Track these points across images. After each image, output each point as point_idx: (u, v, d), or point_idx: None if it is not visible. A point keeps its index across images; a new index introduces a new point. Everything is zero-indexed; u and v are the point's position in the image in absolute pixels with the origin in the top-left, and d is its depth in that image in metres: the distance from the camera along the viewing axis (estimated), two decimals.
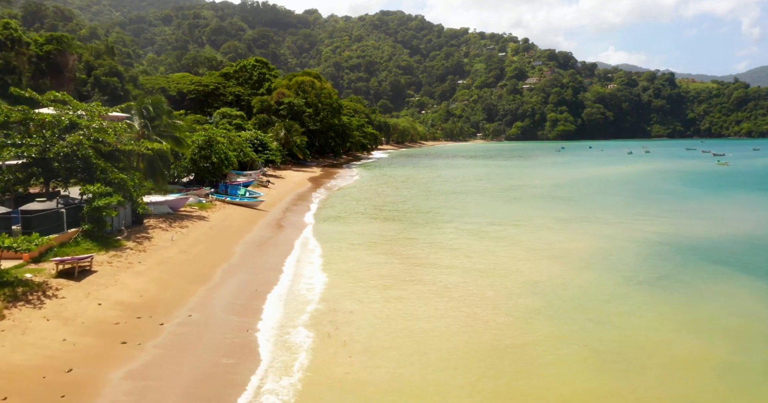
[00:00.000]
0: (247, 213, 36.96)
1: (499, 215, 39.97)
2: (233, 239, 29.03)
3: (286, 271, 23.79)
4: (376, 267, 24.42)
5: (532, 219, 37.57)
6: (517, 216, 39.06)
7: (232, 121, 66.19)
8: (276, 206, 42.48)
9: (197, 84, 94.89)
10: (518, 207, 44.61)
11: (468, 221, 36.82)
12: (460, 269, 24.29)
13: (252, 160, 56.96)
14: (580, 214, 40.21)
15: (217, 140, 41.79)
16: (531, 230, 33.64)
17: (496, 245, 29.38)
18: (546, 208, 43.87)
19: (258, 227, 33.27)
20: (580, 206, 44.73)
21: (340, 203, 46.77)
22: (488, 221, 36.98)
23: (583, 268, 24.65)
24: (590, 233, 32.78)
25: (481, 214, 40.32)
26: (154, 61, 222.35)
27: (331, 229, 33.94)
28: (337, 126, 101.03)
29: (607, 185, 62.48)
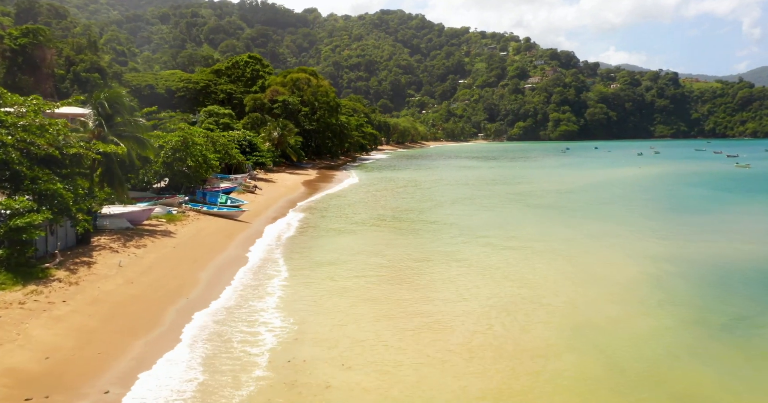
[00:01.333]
0: (224, 226, 31.88)
1: (516, 227, 34.64)
2: (201, 261, 23.96)
3: (264, 313, 18.64)
4: (375, 319, 18.34)
5: (555, 234, 32.34)
6: (538, 229, 33.76)
7: (219, 120, 61.07)
8: (261, 215, 37.40)
9: (187, 81, 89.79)
10: (536, 217, 39.28)
11: (482, 235, 31.57)
12: (481, 311, 19.22)
13: (239, 162, 51.90)
14: (610, 226, 34.97)
15: (193, 141, 36.70)
16: (559, 248, 28.28)
17: (523, 270, 24.12)
18: (568, 218, 38.67)
19: (235, 243, 28.19)
20: (606, 217, 39.48)
21: (336, 212, 41.70)
22: (505, 234, 31.77)
23: (634, 303, 19.56)
24: (629, 252, 27.58)
25: (495, 225, 35.06)
26: (149, 59, 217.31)
27: (322, 247, 28.80)
28: (334, 126, 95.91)
29: (628, 190, 57.23)
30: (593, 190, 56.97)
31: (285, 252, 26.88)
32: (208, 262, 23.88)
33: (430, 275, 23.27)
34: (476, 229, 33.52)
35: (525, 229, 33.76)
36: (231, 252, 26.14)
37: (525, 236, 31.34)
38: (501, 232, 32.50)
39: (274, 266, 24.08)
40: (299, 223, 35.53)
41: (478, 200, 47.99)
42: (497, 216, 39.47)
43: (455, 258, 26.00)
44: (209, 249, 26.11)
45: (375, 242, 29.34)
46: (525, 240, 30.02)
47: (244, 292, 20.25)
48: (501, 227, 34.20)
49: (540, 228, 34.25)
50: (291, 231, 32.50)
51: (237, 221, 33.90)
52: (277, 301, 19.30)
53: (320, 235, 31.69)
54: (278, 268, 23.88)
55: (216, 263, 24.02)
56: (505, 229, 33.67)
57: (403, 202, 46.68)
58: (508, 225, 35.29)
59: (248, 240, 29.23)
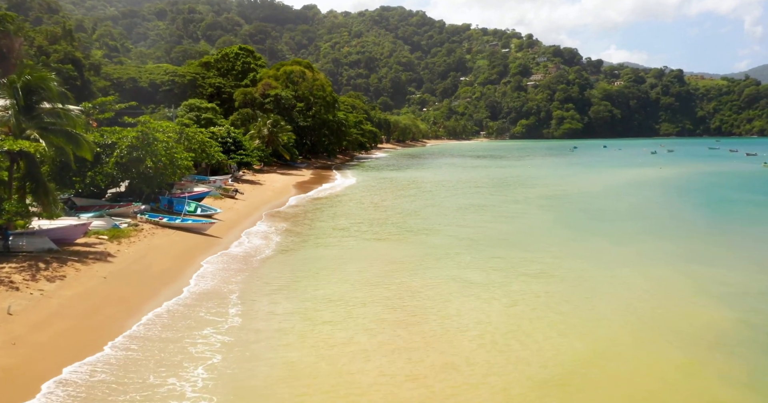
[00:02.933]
0: (185, 244, 25.69)
1: (547, 245, 27.36)
2: (138, 298, 17.78)
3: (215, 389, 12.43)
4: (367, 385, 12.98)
5: (603, 254, 25.79)
6: (575, 248, 26.99)
7: (201, 115, 54.78)
8: (237, 226, 31.16)
9: (172, 74, 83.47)
10: (568, 230, 32.16)
11: (504, 258, 25.08)
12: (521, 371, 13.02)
13: (219, 162, 45.67)
14: (666, 243, 27.97)
15: (154, 137, 30.44)
16: (619, 280, 21.22)
17: (583, 316, 17.67)
18: (610, 230, 31.89)
19: (193, 268, 21.99)
20: (655, 229, 32.54)
21: (326, 221, 35.47)
22: (537, 256, 25.08)
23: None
24: (705, 285, 21.14)
25: (521, 243, 28.09)
26: (142, 54, 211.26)
27: (301, 276, 22.56)
28: (331, 122, 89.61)
29: (661, 194, 50.49)
30: (622, 194, 50.42)
31: (252, 285, 20.63)
32: (145, 301, 17.63)
33: (443, 307, 17.09)
34: (496, 248, 26.99)
35: (559, 247, 27.27)
36: (180, 284, 19.89)
37: (562, 258, 24.95)
38: (529, 253, 26.05)
39: (228, 309, 17.80)
40: (281, 237, 29.22)
41: (493, 207, 41.45)
42: (519, 228, 32.62)
43: (470, 294, 19.76)
44: (153, 280, 19.88)
45: (366, 271, 23.04)
46: (564, 265, 23.62)
47: (172, 369, 13.93)
48: (528, 245, 27.65)
49: (577, 245, 27.64)
50: (268, 250, 26.19)
51: (205, 235, 27.69)
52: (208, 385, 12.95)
53: (302, 257, 25.34)
54: (234, 310, 17.63)
55: (156, 301, 17.79)
56: (536, 247, 27.17)
57: (404, 209, 40.18)
58: (537, 242, 28.53)
59: (212, 263, 23.01)
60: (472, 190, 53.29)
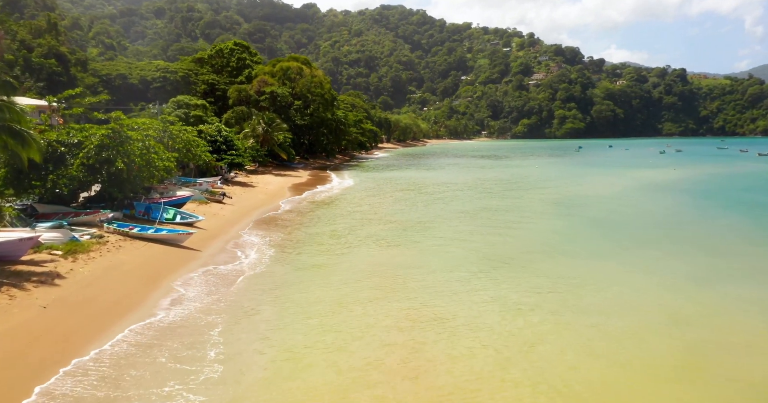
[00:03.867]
0: (159, 258, 22.13)
1: (574, 266, 22.67)
2: (83, 335, 14.22)
3: None
4: None
5: (642, 274, 21.92)
6: (615, 269, 22.66)
7: (190, 112, 51.16)
8: (221, 236, 27.58)
9: (164, 71, 79.89)
10: (595, 244, 27.72)
11: (531, 280, 21.49)
12: None
13: (207, 163, 42.06)
14: (716, 260, 24.17)
15: (126, 136, 26.86)
16: (672, 310, 17.67)
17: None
18: (645, 243, 27.74)
19: (162, 292, 18.42)
20: (697, 241, 28.46)
21: (323, 227, 31.90)
22: (568, 282, 21.25)
23: None
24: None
25: (543, 262, 23.80)
26: (138, 52, 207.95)
27: (298, 296, 19.03)
28: (330, 121, 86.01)
29: (687, 197, 46.09)
30: (642, 198, 46.51)
31: (236, 314, 17.07)
32: (91, 339, 14.06)
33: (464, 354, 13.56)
34: (511, 267, 23.06)
35: (587, 267, 23.45)
36: (143, 313, 16.34)
37: (594, 283, 21.19)
38: (552, 275, 22.30)
39: (205, 352, 14.25)
40: (272, 250, 25.60)
41: (503, 213, 37.41)
42: (534, 240, 28.42)
43: (478, 332, 16.18)
44: (108, 309, 16.31)
45: (363, 295, 19.48)
46: (599, 294, 19.92)
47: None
48: (550, 264, 23.79)
49: (606, 264, 23.47)
50: (256, 265, 22.63)
51: (182, 247, 24.12)
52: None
53: (294, 277, 21.68)
54: (213, 352, 14.06)
55: (107, 338, 14.23)
56: (559, 267, 23.42)
57: (407, 216, 36.31)
58: (559, 260, 24.41)
59: (187, 285, 19.45)
60: (478, 194, 49.62)
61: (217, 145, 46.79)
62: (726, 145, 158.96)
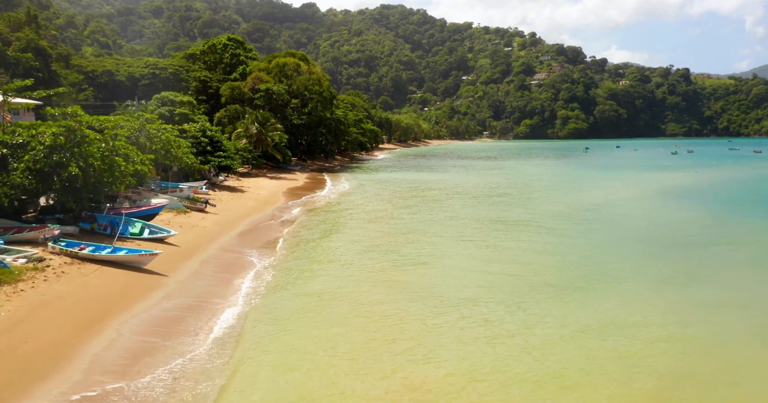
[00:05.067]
0: (111, 288, 17.69)
1: (621, 307, 17.52)
2: None
3: None
4: None
5: (702, 314, 17.56)
6: (665, 301, 18.16)
7: (175, 110, 46.74)
8: (195, 255, 23.09)
9: (153, 67, 75.51)
10: (638, 270, 22.13)
11: (566, 319, 16.98)
12: None
13: (190, 165, 37.61)
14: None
15: (83, 135, 22.43)
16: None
17: None
18: (687, 273, 22.30)
19: (102, 342, 13.98)
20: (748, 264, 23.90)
21: (317, 242, 27.50)
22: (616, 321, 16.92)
23: None
24: None
25: (575, 292, 18.82)
26: (134, 51, 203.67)
27: (284, 343, 14.62)
28: (329, 120, 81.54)
29: (726, 207, 40.89)
30: (675, 206, 40.96)
31: (200, 382, 12.65)
32: None
33: None
34: (533, 300, 18.22)
35: (635, 302, 18.61)
36: (69, 375, 11.91)
37: (649, 327, 16.63)
38: (592, 311, 17.70)
39: None
40: (251, 282, 21.05)
41: (520, 226, 31.72)
42: (563, 263, 23.04)
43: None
44: (21, 369, 11.86)
45: (370, 354, 15.07)
46: (662, 346, 15.40)
47: None
48: (586, 296, 18.79)
49: (655, 297, 18.68)
50: (232, 302, 18.19)
51: (145, 272, 19.70)
52: None
53: (280, 315, 17.25)
54: None
55: None
56: (599, 298, 18.86)
57: (413, 228, 31.31)
58: (596, 290, 19.43)
59: (139, 332, 15.01)
60: (490, 200, 45.02)
61: (202, 147, 42.33)
62: (737, 146, 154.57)
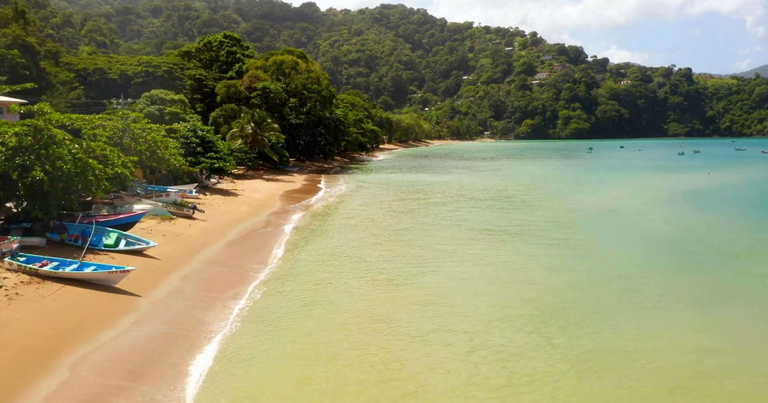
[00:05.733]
0: (73, 314, 15.21)
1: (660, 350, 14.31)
2: None
3: None
4: None
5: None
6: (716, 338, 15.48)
7: (165, 109, 44.22)
8: (176, 269, 20.55)
9: (146, 65, 72.94)
10: (676, 293, 19.03)
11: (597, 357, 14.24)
12: None
13: (179, 168, 35.08)
14: None
15: (51, 135, 19.97)
16: None
17: None
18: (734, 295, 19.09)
19: (50, 384, 11.50)
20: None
21: (311, 256, 25.02)
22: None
23: None
24: None
25: (600, 322, 16.26)
26: (131, 50, 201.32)
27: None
28: (328, 120, 79.04)
29: (751, 213, 38.09)
30: (704, 208, 38.70)
31: None
32: None
33: None
34: (558, 331, 15.64)
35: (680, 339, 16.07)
36: None
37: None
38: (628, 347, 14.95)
39: None
40: (239, 301, 18.59)
41: (535, 238, 27.79)
42: (585, 283, 20.10)
43: None
44: None
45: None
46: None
47: None
48: (613, 326, 16.35)
49: (700, 329, 16.18)
50: (213, 331, 15.69)
51: (115, 291, 17.22)
52: None
53: (269, 352, 14.81)
54: None
55: None
56: (631, 330, 16.11)
57: (408, 249, 26.90)
58: (625, 317, 16.96)
59: (97, 371, 12.52)
60: (497, 205, 42.41)
61: (192, 147, 39.84)
62: (743, 147, 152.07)
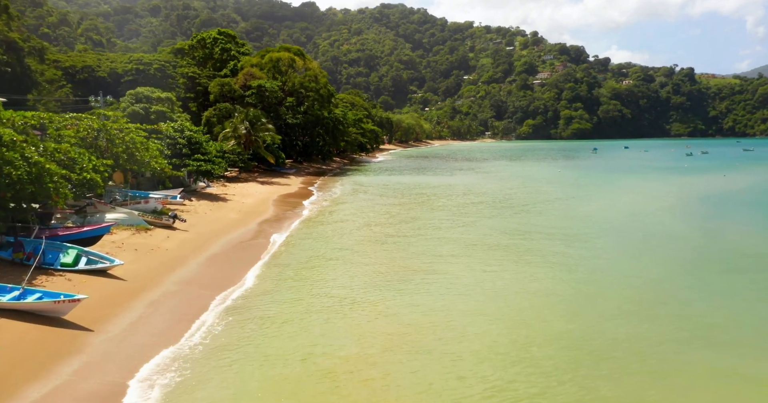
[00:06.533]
0: (3, 355, 12.24)
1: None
2: None
3: None
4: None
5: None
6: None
7: (150, 107, 41.27)
8: (142, 295, 17.51)
9: (137, 63, 69.98)
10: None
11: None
12: None
13: (159, 171, 32.08)
14: None
15: None
16: None
17: None
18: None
19: None
20: None
21: (299, 275, 22.04)
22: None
23: None
24: None
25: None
26: (128, 49, 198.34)
27: None
28: (326, 120, 76.06)
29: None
30: (738, 215, 35.54)
31: None
32: None
33: None
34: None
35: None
36: None
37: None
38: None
39: None
40: (219, 327, 15.67)
41: (569, 263, 22.65)
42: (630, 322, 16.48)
43: None
44: None
45: None
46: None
47: None
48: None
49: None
50: (175, 388, 12.73)
51: (63, 324, 14.26)
52: None
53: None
54: None
55: None
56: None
57: (411, 270, 21.92)
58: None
59: None
60: (509, 211, 39.39)
61: (179, 149, 36.87)
62: (751, 147, 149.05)
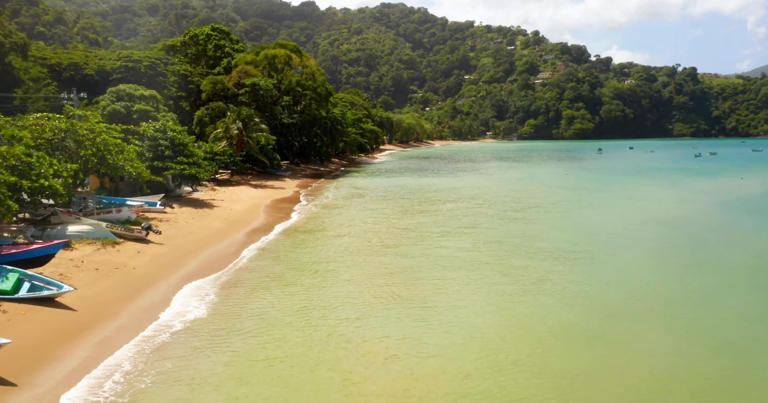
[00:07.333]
0: None
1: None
2: None
3: None
4: None
5: None
6: None
7: (133, 106, 38.28)
8: (92, 329, 14.49)
9: (126, 60, 66.98)
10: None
11: None
12: None
13: (134, 176, 29.06)
14: None
15: None
16: None
17: None
18: None
19: None
20: None
21: (287, 298, 18.99)
22: None
23: None
24: None
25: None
26: (124, 48, 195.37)
27: None
28: (324, 120, 73.07)
29: None
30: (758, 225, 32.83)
31: None
32: None
33: None
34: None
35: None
36: None
37: None
38: None
39: None
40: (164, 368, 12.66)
41: (595, 282, 20.24)
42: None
43: None
44: None
45: None
46: None
47: None
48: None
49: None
50: None
51: None
52: None
53: None
54: None
55: None
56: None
57: (414, 292, 19.38)
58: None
59: None
60: (522, 220, 36.34)
61: (161, 151, 33.89)
62: (760, 148, 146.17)
